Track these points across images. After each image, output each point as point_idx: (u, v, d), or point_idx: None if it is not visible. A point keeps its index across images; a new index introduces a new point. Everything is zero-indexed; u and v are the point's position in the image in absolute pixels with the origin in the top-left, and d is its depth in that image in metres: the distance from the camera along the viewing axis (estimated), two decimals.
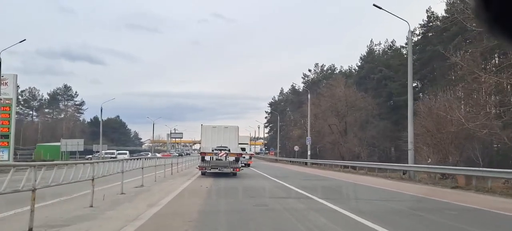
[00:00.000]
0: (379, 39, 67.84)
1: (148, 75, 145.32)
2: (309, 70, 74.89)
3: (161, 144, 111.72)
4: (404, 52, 51.55)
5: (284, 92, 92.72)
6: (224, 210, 9.34)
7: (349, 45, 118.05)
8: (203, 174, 20.77)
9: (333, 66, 72.15)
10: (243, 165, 34.06)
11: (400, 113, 49.23)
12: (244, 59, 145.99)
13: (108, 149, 56.45)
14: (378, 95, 48.61)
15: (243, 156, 33.45)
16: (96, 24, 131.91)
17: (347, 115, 44.36)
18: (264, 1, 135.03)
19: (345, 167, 32.19)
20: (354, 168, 31.28)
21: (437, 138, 20.84)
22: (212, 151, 20.17)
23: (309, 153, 41.25)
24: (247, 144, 35.82)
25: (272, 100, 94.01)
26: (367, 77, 51.88)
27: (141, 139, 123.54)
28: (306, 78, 74.73)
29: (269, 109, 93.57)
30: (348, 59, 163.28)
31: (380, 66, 49.48)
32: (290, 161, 50.67)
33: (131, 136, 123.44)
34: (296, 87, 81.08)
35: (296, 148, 49.41)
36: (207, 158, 20.58)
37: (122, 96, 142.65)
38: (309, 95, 43.98)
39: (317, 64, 75.06)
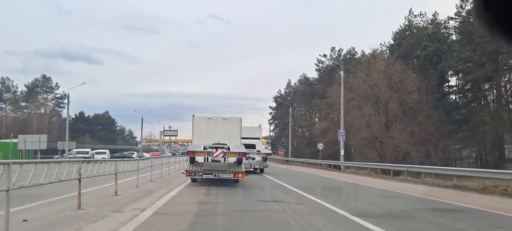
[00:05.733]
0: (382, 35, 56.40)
1: (146, 75, 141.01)
2: (324, 55, 62.87)
3: (157, 143, 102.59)
4: (452, 24, 40.39)
5: (292, 84, 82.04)
6: None
7: (349, 45, 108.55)
8: (194, 181, 15.91)
9: (353, 50, 60.59)
10: (254, 169, 23.53)
11: (457, 101, 38.17)
12: (243, 59, 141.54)
13: (77, 148, 45.16)
14: (424, 78, 37.36)
15: (251, 157, 22.90)
16: (94, 25, 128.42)
17: (389, 102, 32.82)
18: (262, 2, 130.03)
19: (384, 172, 23.04)
20: (398, 173, 21.36)
21: None
22: (205, 149, 14.68)
23: (342, 152, 29.69)
24: (258, 138, 24.35)
25: (278, 94, 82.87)
26: (408, 56, 40.32)
27: (136, 137, 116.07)
28: (320, 65, 63.57)
29: (274, 104, 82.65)
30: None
31: (425, 42, 38.08)
32: (308, 163, 39.53)
33: (125, 134, 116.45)
34: (308, 76, 70.93)
35: (320, 146, 37.59)
36: (199, 159, 15.26)
37: (120, 96, 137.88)
38: (342, 72, 32.32)
39: (333, 48, 63.59)
